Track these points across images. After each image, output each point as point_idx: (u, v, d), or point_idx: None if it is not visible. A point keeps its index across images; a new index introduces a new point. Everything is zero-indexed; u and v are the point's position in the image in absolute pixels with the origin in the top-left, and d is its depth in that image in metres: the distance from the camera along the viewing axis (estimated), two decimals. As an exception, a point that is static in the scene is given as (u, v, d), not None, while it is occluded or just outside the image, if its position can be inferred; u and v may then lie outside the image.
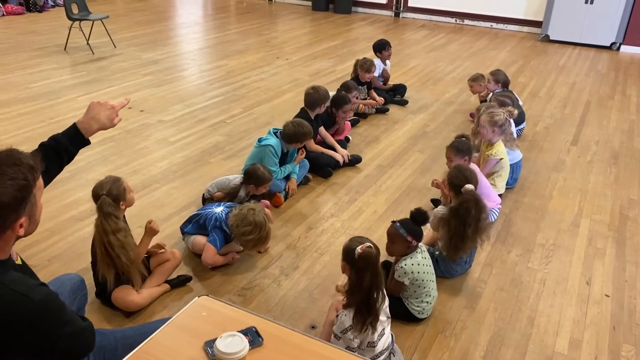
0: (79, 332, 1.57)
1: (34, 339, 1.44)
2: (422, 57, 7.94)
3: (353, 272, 2.14)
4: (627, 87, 6.85)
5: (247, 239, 2.94)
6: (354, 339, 2.12)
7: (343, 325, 2.13)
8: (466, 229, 2.83)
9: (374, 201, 3.90)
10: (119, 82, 6.20)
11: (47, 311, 1.46)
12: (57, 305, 1.51)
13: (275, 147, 3.74)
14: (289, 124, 3.81)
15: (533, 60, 7.92)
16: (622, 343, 2.68)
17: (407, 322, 2.73)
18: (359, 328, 2.12)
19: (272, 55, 7.69)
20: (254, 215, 2.93)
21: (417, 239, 2.64)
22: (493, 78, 5.07)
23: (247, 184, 3.46)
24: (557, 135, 5.22)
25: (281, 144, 3.80)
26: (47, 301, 1.47)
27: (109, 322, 2.66)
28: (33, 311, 1.43)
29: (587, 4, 8.58)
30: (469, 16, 10.36)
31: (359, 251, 2.10)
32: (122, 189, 2.57)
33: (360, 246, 2.11)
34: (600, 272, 3.21)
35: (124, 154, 4.44)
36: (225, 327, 1.64)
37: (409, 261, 2.64)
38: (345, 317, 2.14)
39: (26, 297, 1.42)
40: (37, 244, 3.23)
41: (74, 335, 1.55)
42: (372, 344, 2.17)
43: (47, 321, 1.46)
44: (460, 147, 3.49)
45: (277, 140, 3.78)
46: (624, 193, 4.15)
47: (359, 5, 11.29)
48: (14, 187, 1.44)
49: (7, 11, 9.41)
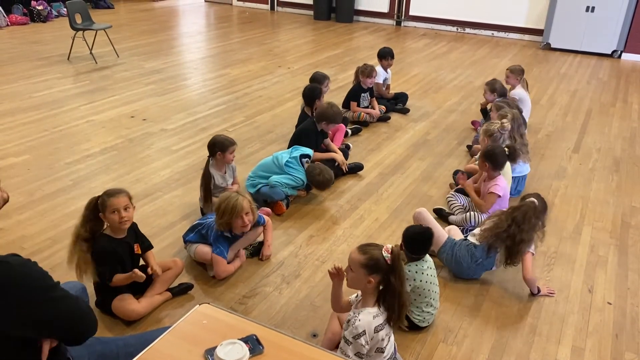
0: (72, 298, 1.56)
1: (23, 306, 1.43)
2: (424, 65, 7.97)
3: (392, 277, 2.02)
4: (629, 94, 6.86)
5: (220, 221, 3.00)
6: (366, 345, 2.04)
7: (357, 330, 2.03)
8: (521, 234, 2.90)
9: (375, 209, 3.91)
10: (121, 91, 6.23)
11: (29, 273, 1.47)
12: (38, 270, 1.51)
13: (297, 180, 3.89)
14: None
15: (534, 69, 7.94)
16: (624, 351, 2.67)
17: (409, 330, 2.72)
18: (390, 327, 2.10)
19: (274, 64, 7.72)
20: (219, 199, 3.05)
21: (411, 251, 2.68)
22: (489, 88, 5.04)
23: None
24: (558, 142, 5.23)
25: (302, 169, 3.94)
26: (26, 265, 1.48)
27: (110, 330, 2.66)
28: (14, 274, 1.43)
29: (588, 12, 8.61)
30: (470, 25, 10.40)
31: (388, 255, 2.01)
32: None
33: (383, 249, 2.02)
34: (603, 280, 3.20)
35: (126, 162, 4.46)
36: (226, 335, 1.64)
37: (414, 267, 2.64)
38: (360, 322, 2.04)
39: (4, 262, 1.43)
40: (40, 252, 3.24)
41: (67, 300, 1.53)
42: (381, 349, 2.13)
43: (30, 284, 1.45)
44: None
45: (302, 172, 3.92)
46: (625, 200, 4.15)
47: (360, 14, 11.35)
48: None
49: (11, 21, 9.48)
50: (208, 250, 3.07)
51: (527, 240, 2.92)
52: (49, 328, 1.51)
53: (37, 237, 3.40)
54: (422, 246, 2.69)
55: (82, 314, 1.59)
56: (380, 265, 2.01)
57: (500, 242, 2.95)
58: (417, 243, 2.69)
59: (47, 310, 1.48)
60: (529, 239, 2.93)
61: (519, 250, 2.92)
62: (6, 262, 1.43)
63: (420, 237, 2.71)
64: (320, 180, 3.88)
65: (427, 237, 2.72)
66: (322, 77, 5.03)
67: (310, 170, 3.91)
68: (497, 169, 3.54)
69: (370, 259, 2.02)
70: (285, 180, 3.82)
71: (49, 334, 1.52)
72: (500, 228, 2.95)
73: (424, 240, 2.71)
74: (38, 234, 3.43)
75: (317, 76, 5.07)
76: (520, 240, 2.90)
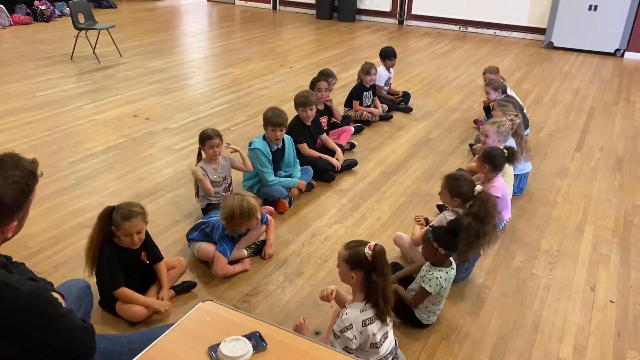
0: (76, 329, 1.57)
1: (28, 333, 1.44)
2: (426, 64, 7.97)
3: (373, 274, 2.07)
4: (632, 93, 6.84)
5: (235, 227, 3.02)
6: (354, 339, 2.08)
7: (344, 324, 2.09)
8: (484, 227, 2.82)
9: (377, 208, 3.91)
10: (124, 91, 6.25)
11: (37, 302, 1.47)
12: (47, 298, 1.51)
13: (262, 149, 3.76)
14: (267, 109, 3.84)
15: (537, 67, 7.93)
16: (627, 349, 2.67)
17: (412, 328, 2.73)
18: (381, 322, 2.13)
19: (277, 63, 7.73)
20: (226, 200, 3.05)
21: (445, 248, 2.61)
22: (491, 87, 5.02)
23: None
24: (561, 141, 5.23)
25: (268, 143, 3.82)
26: (35, 293, 1.48)
27: (114, 328, 2.67)
28: (22, 302, 1.44)
29: (590, 11, 8.60)
30: (473, 23, 10.39)
31: (369, 252, 2.06)
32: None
33: (367, 246, 2.08)
34: (605, 278, 3.20)
35: (129, 161, 4.47)
36: (229, 332, 1.65)
37: (444, 276, 2.62)
38: (347, 316, 2.10)
39: (13, 287, 1.43)
40: (43, 251, 3.25)
41: (70, 331, 1.54)
42: (375, 345, 2.15)
43: (38, 313, 1.46)
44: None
45: (262, 142, 3.79)
46: (628, 199, 4.14)
47: (362, 14, 11.35)
48: (16, 191, 1.46)
49: (14, 21, 9.51)
50: (211, 249, 3.09)
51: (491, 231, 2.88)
52: (49, 353, 1.53)
53: (41, 235, 3.41)
54: (455, 236, 2.65)
55: (86, 345, 1.62)
56: (362, 262, 2.07)
57: (476, 241, 2.86)
58: (450, 234, 2.64)
59: (51, 340, 1.50)
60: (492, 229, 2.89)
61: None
62: (16, 289, 1.44)
63: (452, 230, 2.66)
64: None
65: (458, 226, 2.67)
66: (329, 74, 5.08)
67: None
68: (496, 170, 3.52)
69: (352, 255, 2.10)
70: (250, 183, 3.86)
71: (48, 357, 1.55)
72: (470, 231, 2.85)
73: (454, 230, 2.66)
74: (42, 232, 3.45)
75: (326, 71, 5.12)
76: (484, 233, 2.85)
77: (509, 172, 3.84)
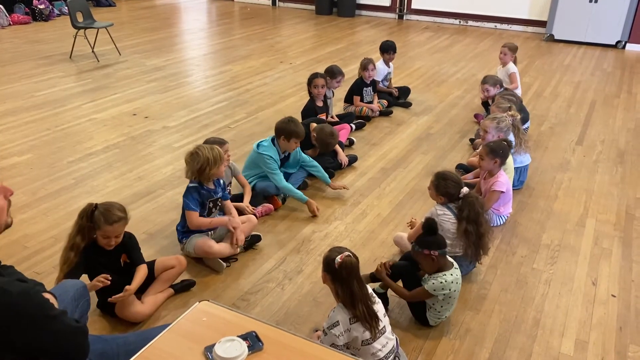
0: (68, 330, 1.56)
1: (19, 334, 1.44)
2: (426, 58, 7.94)
3: (337, 283, 2.16)
4: (633, 85, 6.80)
5: (203, 175, 3.07)
6: (340, 336, 2.14)
7: (331, 320, 2.17)
8: (479, 227, 2.87)
9: (377, 204, 3.90)
10: (123, 89, 6.23)
11: (27, 304, 1.46)
12: (38, 299, 1.50)
13: (274, 156, 3.78)
14: (284, 118, 3.85)
15: (538, 60, 7.89)
16: (628, 344, 2.65)
17: (413, 325, 2.72)
18: (373, 334, 2.17)
19: (276, 59, 7.71)
20: (192, 155, 3.09)
21: (434, 248, 2.57)
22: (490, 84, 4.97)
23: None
24: (562, 135, 5.20)
25: (277, 148, 3.83)
26: (25, 294, 1.47)
27: (112, 328, 2.67)
28: (12, 304, 1.43)
29: (591, 3, 8.54)
30: (473, 17, 10.34)
31: (339, 260, 2.13)
32: None
33: (339, 255, 2.14)
34: (607, 273, 3.18)
35: (128, 160, 4.46)
36: (226, 332, 1.64)
37: (449, 277, 2.60)
38: (334, 313, 2.17)
39: (2, 289, 1.43)
40: (42, 251, 3.25)
41: (62, 332, 1.53)
42: (367, 341, 2.18)
43: (28, 314, 1.45)
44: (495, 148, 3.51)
45: (272, 149, 3.81)
46: (630, 192, 4.12)
47: (362, 9, 11.30)
48: None
49: (13, 21, 9.49)
50: (204, 241, 3.11)
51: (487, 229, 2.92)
52: (41, 355, 1.53)
53: (40, 235, 3.41)
54: (435, 233, 2.62)
55: (78, 347, 1.60)
56: (331, 268, 2.17)
57: (479, 241, 2.91)
58: (430, 233, 2.61)
59: (43, 342, 1.49)
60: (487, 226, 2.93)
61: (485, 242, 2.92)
62: (5, 290, 1.43)
63: (429, 228, 2.62)
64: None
65: (431, 223, 2.63)
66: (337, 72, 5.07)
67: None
68: (503, 163, 3.53)
69: (325, 258, 2.21)
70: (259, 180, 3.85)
71: (41, 358, 1.54)
72: (470, 235, 2.89)
73: (430, 227, 2.62)
74: (41, 232, 3.44)
75: (333, 69, 5.09)
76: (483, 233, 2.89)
77: (510, 165, 3.83)
